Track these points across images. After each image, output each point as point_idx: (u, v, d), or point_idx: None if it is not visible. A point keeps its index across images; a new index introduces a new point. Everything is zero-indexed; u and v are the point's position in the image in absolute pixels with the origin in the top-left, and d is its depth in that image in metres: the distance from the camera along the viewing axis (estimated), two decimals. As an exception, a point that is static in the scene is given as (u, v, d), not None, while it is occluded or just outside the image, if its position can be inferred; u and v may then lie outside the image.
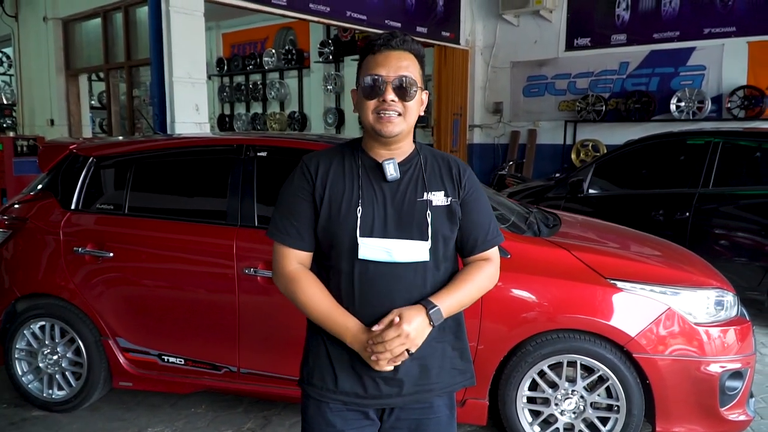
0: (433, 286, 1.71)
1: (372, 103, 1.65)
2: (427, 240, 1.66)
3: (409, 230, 1.67)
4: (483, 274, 1.77)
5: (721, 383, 2.89)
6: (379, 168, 1.69)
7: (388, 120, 1.63)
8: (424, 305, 1.64)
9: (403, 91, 1.63)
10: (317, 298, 1.69)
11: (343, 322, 1.66)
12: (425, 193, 1.69)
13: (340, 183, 1.70)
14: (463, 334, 1.83)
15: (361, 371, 1.70)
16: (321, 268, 1.76)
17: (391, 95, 1.62)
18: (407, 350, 1.62)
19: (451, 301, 1.69)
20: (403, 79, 1.63)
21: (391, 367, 1.65)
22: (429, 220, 1.66)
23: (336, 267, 1.70)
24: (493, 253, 1.82)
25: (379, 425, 1.78)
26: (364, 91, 1.66)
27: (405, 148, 1.74)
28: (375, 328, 1.62)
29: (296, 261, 1.74)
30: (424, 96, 1.73)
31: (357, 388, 1.72)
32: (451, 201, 1.71)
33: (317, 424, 1.76)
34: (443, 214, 1.70)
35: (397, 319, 1.60)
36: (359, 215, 1.65)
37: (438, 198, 1.69)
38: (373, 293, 1.66)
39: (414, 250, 1.66)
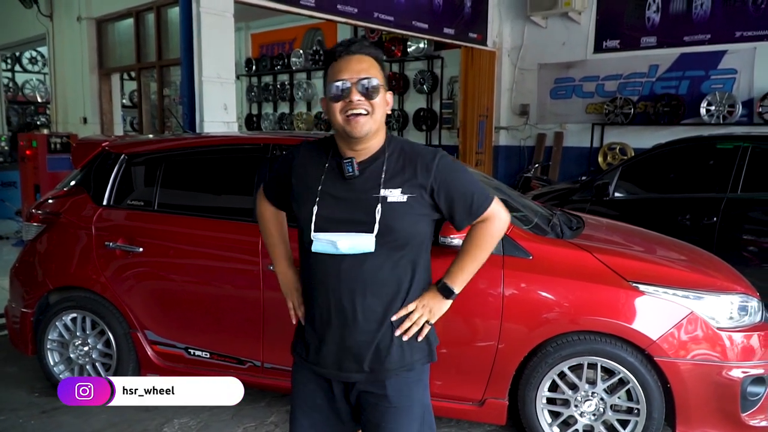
0: (385, 275, 1.79)
1: (339, 105, 1.75)
2: (372, 232, 1.74)
3: (358, 224, 1.76)
4: (485, 235, 1.90)
5: (743, 388, 2.88)
6: (341, 167, 1.81)
7: (356, 121, 1.74)
8: (435, 284, 1.92)
9: (367, 90, 1.74)
10: (268, 233, 2.13)
11: (276, 264, 2.11)
12: (381, 190, 1.75)
13: (307, 178, 1.86)
14: None
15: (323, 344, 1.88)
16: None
17: (356, 95, 1.73)
18: (427, 321, 1.88)
19: (459, 273, 1.92)
20: (366, 80, 1.74)
21: (294, 321, 2.01)
22: (378, 216, 1.74)
23: (302, 263, 1.90)
24: (489, 212, 1.88)
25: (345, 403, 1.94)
26: (331, 96, 1.76)
27: (372, 147, 1.82)
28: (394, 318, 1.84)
29: (268, 204, 2.09)
30: (389, 96, 1.83)
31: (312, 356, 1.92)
32: (408, 198, 1.77)
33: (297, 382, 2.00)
34: (398, 209, 1.76)
35: (412, 306, 1.85)
36: (315, 212, 1.79)
37: (394, 195, 1.76)
38: (326, 283, 1.81)
39: (358, 242, 1.75)
